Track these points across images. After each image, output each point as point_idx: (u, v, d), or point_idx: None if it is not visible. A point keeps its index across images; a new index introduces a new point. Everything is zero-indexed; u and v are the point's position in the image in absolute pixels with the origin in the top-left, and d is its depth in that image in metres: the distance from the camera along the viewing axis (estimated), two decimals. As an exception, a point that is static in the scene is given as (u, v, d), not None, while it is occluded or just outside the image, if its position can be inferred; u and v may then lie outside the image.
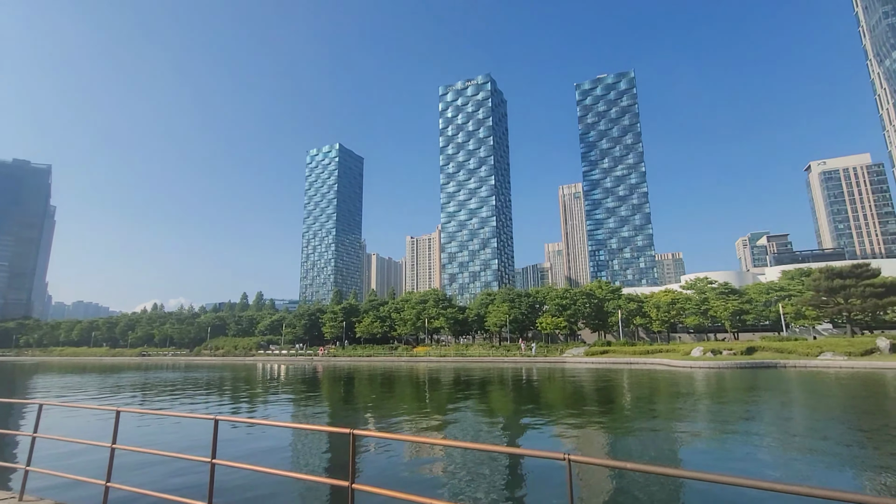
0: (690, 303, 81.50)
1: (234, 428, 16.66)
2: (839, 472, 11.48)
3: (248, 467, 5.32)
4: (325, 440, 15.09)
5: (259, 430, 16.38)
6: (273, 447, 14.29)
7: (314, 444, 14.83)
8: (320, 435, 15.66)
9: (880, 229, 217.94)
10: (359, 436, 4.64)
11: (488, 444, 14.38)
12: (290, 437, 15.43)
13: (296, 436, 15.63)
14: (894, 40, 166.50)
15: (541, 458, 11.47)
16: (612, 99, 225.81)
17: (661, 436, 16.24)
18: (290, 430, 16.31)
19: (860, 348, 45.63)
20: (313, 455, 13.60)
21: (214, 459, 5.09)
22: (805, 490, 2.56)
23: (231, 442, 14.59)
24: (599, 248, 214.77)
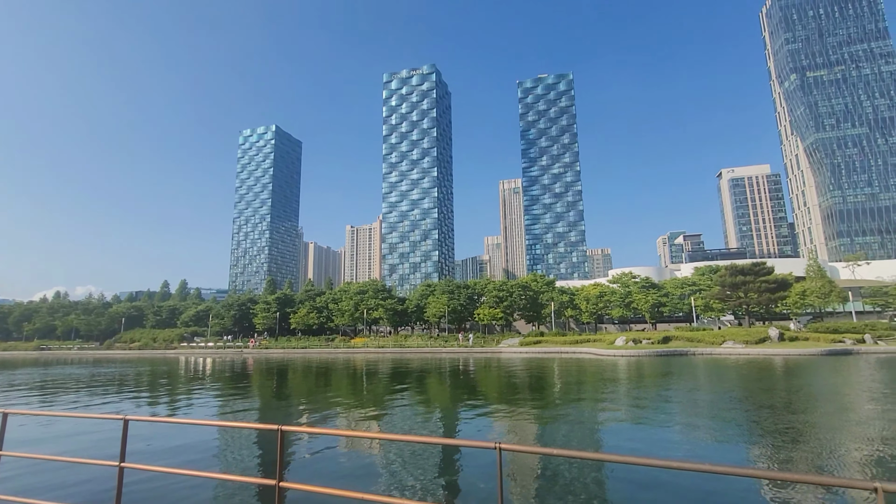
0: (616, 296, 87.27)
1: (150, 428, 15.40)
2: (734, 446, 12.87)
3: (164, 470, 4.90)
4: (252, 438, 14.39)
5: (178, 430, 15.27)
6: (194, 447, 13.38)
7: (240, 442, 14.09)
8: (247, 433, 14.89)
9: (775, 232, 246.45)
10: (288, 432, 4.43)
11: (423, 435, 14.46)
12: (213, 437, 14.53)
13: (220, 435, 14.75)
14: (793, 64, 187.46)
15: (473, 447, 11.74)
16: (551, 99, 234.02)
17: (587, 420, 17.27)
18: (214, 429, 15.35)
19: (755, 337, 51.45)
20: (239, 454, 12.91)
21: (123, 463, 4.64)
22: (707, 467, 2.96)
23: (145, 444, 13.47)
24: (536, 242, 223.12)
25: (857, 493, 8.49)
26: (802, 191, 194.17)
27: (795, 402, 20.57)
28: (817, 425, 15.61)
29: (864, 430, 14.54)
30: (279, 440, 4.16)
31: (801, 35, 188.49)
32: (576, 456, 3.57)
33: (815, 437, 13.96)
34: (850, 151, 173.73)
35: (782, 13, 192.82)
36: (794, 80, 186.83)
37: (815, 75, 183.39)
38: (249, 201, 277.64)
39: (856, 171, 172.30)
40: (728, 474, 2.99)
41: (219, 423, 17.49)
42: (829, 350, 45.81)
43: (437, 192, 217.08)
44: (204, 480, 9.55)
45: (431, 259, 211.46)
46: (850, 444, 13.01)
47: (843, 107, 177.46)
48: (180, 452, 12.62)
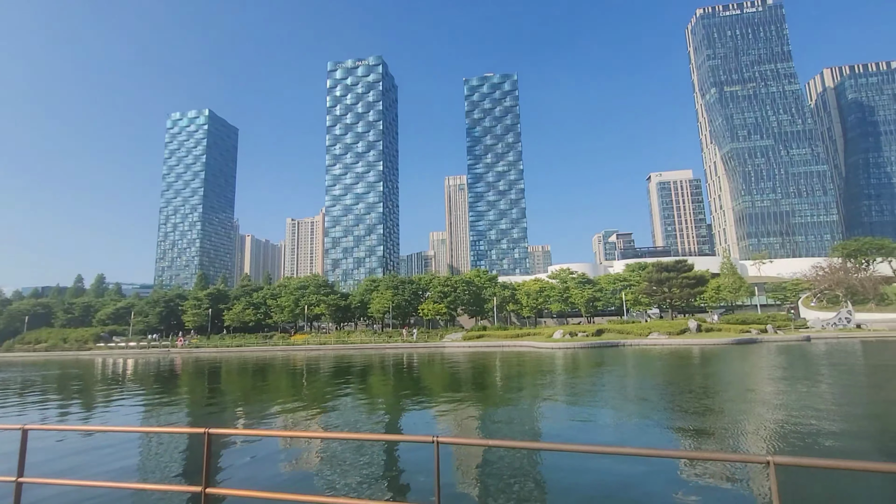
0: (555, 291, 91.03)
1: (55, 439, 13.97)
2: (658, 429, 13.96)
3: (72, 483, 4.48)
4: (177, 443, 13.48)
5: (90, 439, 13.98)
6: (110, 457, 12.29)
7: (164, 449, 13.15)
8: (171, 438, 13.91)
9: (696, 232, 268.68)
10: (216, 435, 4.22)
11: (360, 432, 14.26)
12: (133, 444, 13.46)
13: (141, 441, 13.68)
14: (713, 79, 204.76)
15: (411, 442, 11.74)
16: (496, 98, 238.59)
17: (525, 411, 17.92)
18: (133, 436, 14.21)
19: (677, 329, 55.95)
20: (162, 461, 12.04)
21: (22, 478, 4.20)
22: (627, 450, 3.22)
23: (52, 455, 12.20)
24: (480, 238, 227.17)
25: (754, 467, 9.50)
26: (719, 195, 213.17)
27: (709, 386, 22.66)
28: (726, 407, 17.30)
29: (764, 410, 16.32)
30: (206, 444, 3.96)
31: (721, 52, 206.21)
32: (512, 446, 3.70)
33: (724, 417, 15.46)
34: (759, 161, 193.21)
35: (705, 31, 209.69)
36: (713, 93, 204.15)
37: (732, 90, 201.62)
38: (179, 190, 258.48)
39: (763, 179, 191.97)
40: (641, 455, 3.27)
41: (138, 428, 16.22)
42: (738, 339, 50.83)
43: (382, 187, 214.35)
44: (121, 492, 8.81)
45: (376, 254, 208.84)
46: (753, 422, 14.56)
47: (754, 120, 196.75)
48: (93, 464, 11.55)
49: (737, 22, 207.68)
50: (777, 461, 2.83)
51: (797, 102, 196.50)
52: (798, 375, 26.17)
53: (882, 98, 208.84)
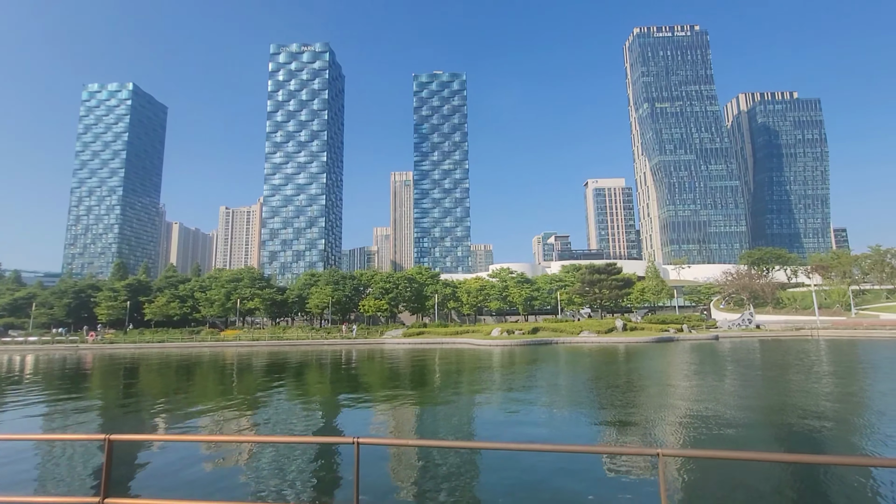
0: (495, 289, 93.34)
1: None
2: (583, 423, 14.85)
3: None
4: (75, 452, 12.29)
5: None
6: (2, 468, 11.01)
7: (61, 458, 11.94)
8: (69, 446, 12.64)
9: (626, 237, 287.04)
10: (118, 442, 3.94)
11: (279, 435, 13.65)
12: (29, 453, 12.11)
13: (35, 450, 12.34)
14: (646, 95, 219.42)
15: (332, 443, 11.58)
16: (445, 96, 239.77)
17: (457, 408, 18.28)
18: (26, 444, 12.78)
19: (605, 327, 59.54)
20: (58, 472, 10.95)
21: None
22: (559, 448, 3.44)
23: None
24: (424, 235, 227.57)
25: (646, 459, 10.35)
26: (647, 203, 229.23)
27: (632, 381, 24.40)
28: (644, 401, 18.73)
29: (678, 403, 17.88)
30: (106, 451, 3.71)
31: (653, 70, 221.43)
32: (435, 445, 3.78)
33: (642, 410, 16.73)
34: (682, 174, 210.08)
35: (640, 49, 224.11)
36: (646, 108, 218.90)
37: (662, 106, 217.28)
38: (95, 170, 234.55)
39: (685, 191, 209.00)
40: (545, 451, 3.50)
41: (32, 436, 14.61)
42: (658, 338, 55.07)
43: (325, 178, 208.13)
44: None
45: (317, 247, 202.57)
46: (667, 414, 15.90)
47: (680, 136, 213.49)
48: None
49: (668, 43, 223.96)
50: (664, 453, 3.12)
51: (716, 122, 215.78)
52: (707, 371, 28.90)
53: (785, 124, 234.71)
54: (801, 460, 3.04)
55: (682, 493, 8.74)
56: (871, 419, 15.32)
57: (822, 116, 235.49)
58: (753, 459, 3.53)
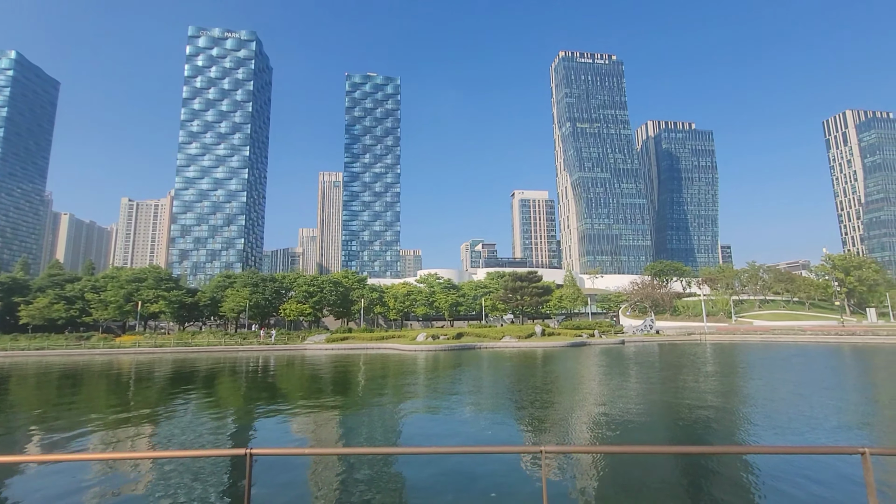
0: (422, 295, 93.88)
1: None
2: (498, 423, 15.59)
3: None
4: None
5: None
6: None
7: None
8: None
9: (548, 247, 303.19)
10: None
11: (166, 450, 12.60)
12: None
13: None
14: (568, 114, 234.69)
15: (223, 456, 11.19)
16: (379, 98, 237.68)
17: (377, 414, 18.26)
18: None
19: (526, 332, 62.47)
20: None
21: None
22: (478, 449, 3.64)
23: None
24: (352, 238, 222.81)
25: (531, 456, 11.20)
26: (567, 216, 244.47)
27: (547, 382, 25.94)
28: (556, 400, 20.07)
29: (587, 402, 19.38)
30: None
31: (576, 92, 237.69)
32: (332, 453, 3.84)
33: (552, 409, 17.92)
34: (598, 190, 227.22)
35: (565, 71, 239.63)
36: (568, 127, 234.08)
37: (582, 126, 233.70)
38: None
39: (600, 206, 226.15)
40: (436, 454, 3.71)
41: None
42: (572, 342, 58.93)
43: (247, 174, 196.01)
44: None
45: (235, 247, 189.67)
46: (576, 412, 17.18)
47: (597, 155, 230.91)
48: None
49: (589, 69, 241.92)
50: (548, 450, 3.46)
51: (629, 145, 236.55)
52: (613, 373, 31.55)
53: (684, 151, 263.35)
54: (681, 451, 3.52)
55: (566, 487, 9.48)
56: (747, 411, 17.81)
57: (713, 146, 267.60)
58: (634, 453, 3.99)
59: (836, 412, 17.04)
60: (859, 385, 25.45)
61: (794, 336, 65.50)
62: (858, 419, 16.12)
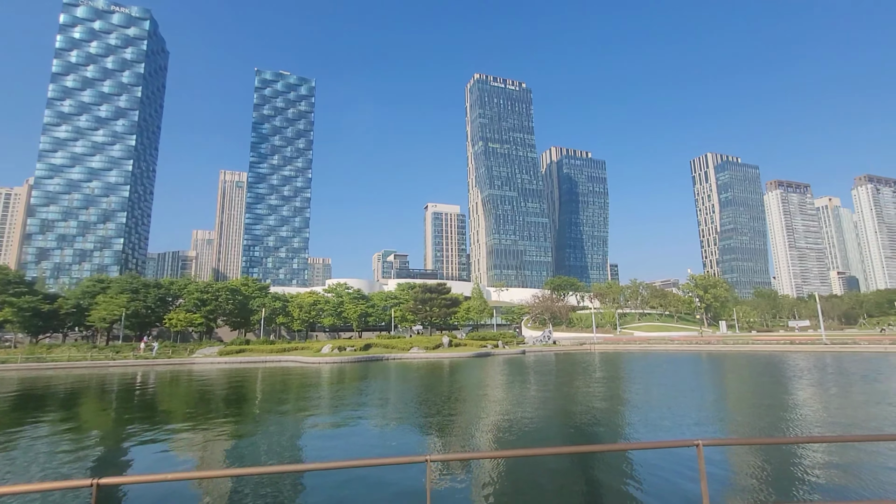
0: (329, 305, 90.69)
1: None
2: (398, 435, 15.61)
3: None
4: None
5: None
6: None
7: None
8: None
9: (458, 260, 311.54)
10: None
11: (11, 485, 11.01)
12: None
13: None
14: (481, 134, 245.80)
15: (64, 488, 10.08)
16: (291, 99, 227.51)
17: (274, 432, 17.23)
18: None
19: (433, 343, 63.27)
20: None
21: None
22: (362, 462, 3.54)
23: None
24: (256, 243, 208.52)
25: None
26: (477, 231, 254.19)
27: (452, 392, 26.53)
28: (459, 410, 20.63)
29: (488, 411, 20.16)
30: None
31: (488, 114, 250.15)
32: (189, 477, 3.61)
33: (455, 418, 18.39)
34: (506, 208, 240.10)
35: (479, 93, 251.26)
36: (480, 145, 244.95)
37: (493, 146, 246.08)
38: None
39: (508, 223, 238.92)
40: (319, 470, 3.67)
41: None
42: (478, 353, 60.98)
43: (132, 166, 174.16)
44: None
45: (112, 247, 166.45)
46: (478, 423, 17.81)
47: (506, 174, 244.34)
48: None
49: (501, 93, 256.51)
50: (432, 458, 3.56)
51: (534, 167, 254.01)
52: (515, 381, 33.27)
53: (581, 177, 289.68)
54: (572, 451, 3.88)
55: (451, 494, 9.86)
56: (627, 413, 19.90)
57: (606, 174, 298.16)
58: (520, 456, 4.30)
59: (696, 409, 19.89)
60: (712, 387, 29.90)
61: (665, 345, 74.73)
62: (713, 415, 18.98)
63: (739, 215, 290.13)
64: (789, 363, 43.15)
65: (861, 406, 20.22)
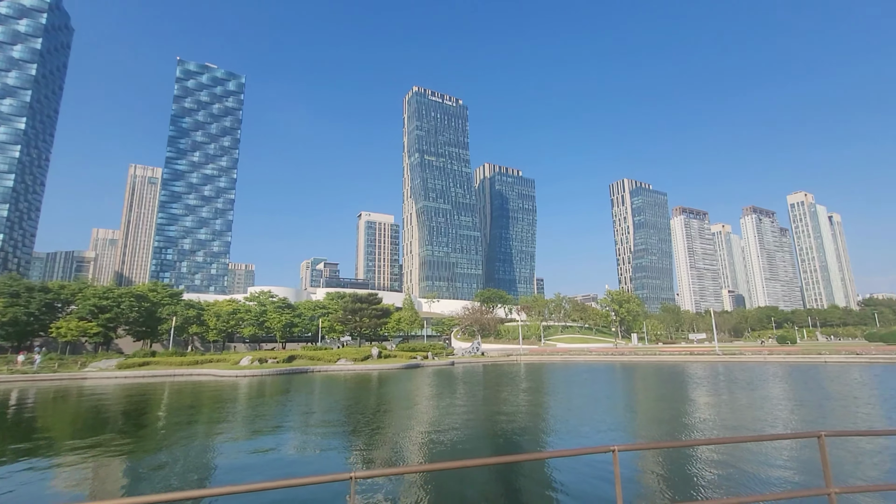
0: (251, 314, 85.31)
1: None
2: (328, 451, 14.95)
3: None
4: None
5: None
6: None
7: None
8: None
9: (390, 270, 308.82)
10: None
11: None
12: None
13: None
14: (418, 146, 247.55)
15: None
16: (217, 94, 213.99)
17: (179, 453, 15.74)
18: None
19: (362, 355, 61.75)
20: None
21: None
22: (282, 483, 3.28)
23: None
24: (169, 245, 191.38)
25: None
26: (410, 241, 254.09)
27: (380, 405, 25.95)
28: (388, 423, 20.22)
29: (414, 424, 19.95)
30: None
31: (426, 126, 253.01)
32: None
33: (383, 434, 17.99)
34: (440, 220, 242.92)
35: (417, 105, 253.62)
36: (417, 157, 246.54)
37: (429, 159, 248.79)
38: None
39: (441, 235, 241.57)
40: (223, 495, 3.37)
41: None
42: (407, 364, 60.45)
43: (20, 153, 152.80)
44: None
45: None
46: (406, 437, 17.53)
47: (441, 187, 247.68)
48: None
49: (439, 107, 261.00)
50: (357, 475, 3.39)
51: (468, 182, 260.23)
52: (444, 392, 33.34)
53: (512, 194, 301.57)
54: (497, 462, 3.92)
55: None
56: (551, 421, 20.68)
57: (535, 192, 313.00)
58: (444, 469, 4.24)
59: (611, 416, 21.26)
60: (625, 395, 32.16)
61: (584, 356, 79.31)
62: (626, 421, 20.38)
63: (650, 237, 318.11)
64: (689, 372, 47.74)
65: (746, 409, 22.84)
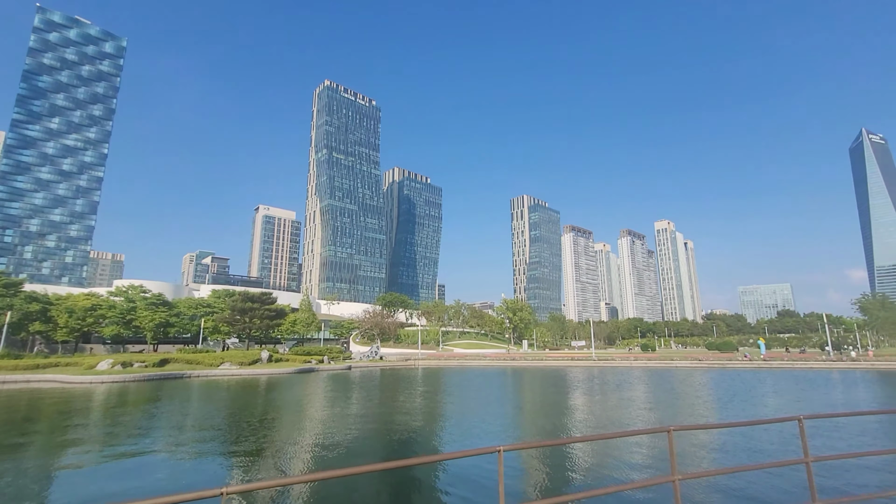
0: (115, 311, 74.50)
1: None
2: (219, 466, 13.50)
3: None
4: None
5: None
6: None
7: None
8: None
9: (288, 269, 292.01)
10: None
11: None
12: None
13: None
14: (326, 142, 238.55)
15: None
16: (89, 54, 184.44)
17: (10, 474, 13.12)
18: None
19: (250, 358, 57.28)
20: None
21: None
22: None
23: None
24: (9, 225, 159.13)
25: None
26: (312, 240, 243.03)
27: (267, 413, 24.20)
28: (273, 432, 18.94)
29: (300, 434, 18.96)
30: None
31: (336, 123, 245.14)
32: None
33: (266, 444, 16.82)
34: (345, 220, 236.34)
35: (327, 100, 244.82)
36: (324, 153, 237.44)
37: (338, 157, 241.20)
38: None
39: (345, 236, 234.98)
40: None
41: None
42: (300, 369, 57.46)
43: None
44: None
45: None
46: (288, 445, 16.56)
47: (348, 187, 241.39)
48: None
49: (351, 105, 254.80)
50: (229, 491, 3.20)
51: (377, 184, 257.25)
52: (338, 398, 32.24)
53: (419, 199, 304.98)
54: (385, 467, 3.89)
55: None
56: (444, 425, 21.05)
57: (441, 200, 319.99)
58: (329, 478, 4.14)
59: (501, 418, 22.41)
60: (514, 398, 34.16)
61: (479, 361, 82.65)
62: (513, 422, 21.61)
63: (543, 251, 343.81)
64: (570, 376, 52.37)
65: (616, 409, 25.71)
